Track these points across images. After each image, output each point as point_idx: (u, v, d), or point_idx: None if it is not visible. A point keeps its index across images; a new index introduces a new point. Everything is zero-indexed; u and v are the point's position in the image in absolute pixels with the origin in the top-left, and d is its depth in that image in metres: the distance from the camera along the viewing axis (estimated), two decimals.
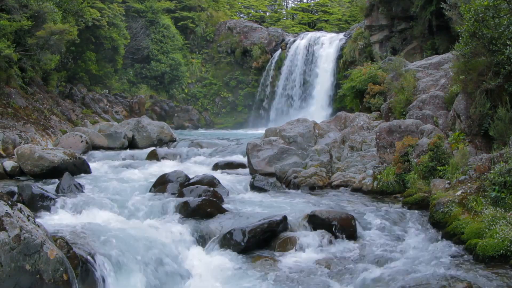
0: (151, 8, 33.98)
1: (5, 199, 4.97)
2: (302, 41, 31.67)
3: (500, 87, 8.58)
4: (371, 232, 7.25)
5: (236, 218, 7.57)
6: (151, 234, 6.58)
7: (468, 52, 8.94)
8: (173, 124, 30.80)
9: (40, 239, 4.68)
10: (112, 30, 28.49)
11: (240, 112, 34.59)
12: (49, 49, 18.20)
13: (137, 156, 14.69)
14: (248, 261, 6.25)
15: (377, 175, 9.70)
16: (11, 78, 17.54)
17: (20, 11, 17.32)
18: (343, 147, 12.33)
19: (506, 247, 5.59)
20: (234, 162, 12.98)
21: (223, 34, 36.61)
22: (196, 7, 37.11)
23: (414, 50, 22.16)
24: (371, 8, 23.80)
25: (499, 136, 8.22)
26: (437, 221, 7.03)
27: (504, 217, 6.07)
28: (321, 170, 10.66)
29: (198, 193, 8.69)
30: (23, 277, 4.44)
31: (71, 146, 14.49)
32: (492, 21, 8.40)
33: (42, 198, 8.21)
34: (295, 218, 7.38)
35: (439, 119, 10.79)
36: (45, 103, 19.35)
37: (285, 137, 13.03)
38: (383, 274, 5.62)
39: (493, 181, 6.66)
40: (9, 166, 11.51)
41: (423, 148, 8.97)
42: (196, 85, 35.43)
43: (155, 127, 18.26)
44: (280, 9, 49.60)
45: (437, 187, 7.92)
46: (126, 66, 32.54)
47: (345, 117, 14.46)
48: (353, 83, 17.64)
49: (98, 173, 11.87)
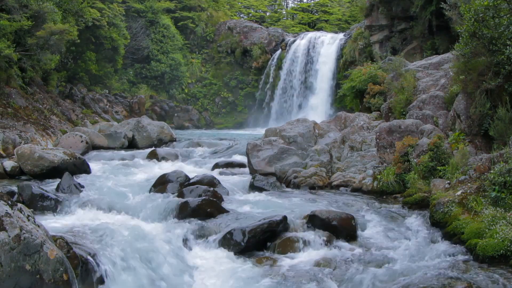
0: (151, 8, 33.98)
1: (5, 199, 4.97)
2: (302, 41, 31.67)
3: (500, 87, 8.58)
4: (371, 232, 7.25)
5: (236, 218, 7.57)
6: (151, 234, 6.59)
7: (468, 52, 8.94)
8: (173, 124, 30.80)
9: (40, 239, 4.68)
10: (112, 30, 28.50)
11: (240, 112, 34.59)
12: (49, 49, 18.19)
13: (137, 156, 14.69)
14: (248, 261, 6.25)
15: (377, 175, 9.70)
16: (11, 78, 17.54)
17: (20, 11, 17.31)
18: (343, 147, 12.34)
19: (506, 247, 5.59)
20: (234, 162, 12.99)
21: (223, 34, 36.60)
22: (196, 7, 37.11)
23: (414, 50, 22.17)
24: (371, 8, 23.81)
25: (499, 136, 8.22)
26: (437, 221, 7.03)
27: (504, 217, 6.07)
28: (321, 170, 10.66)
29: (198, 193, 8.69)
30: (23, 277, 4.44)
31: (71, 146, 14.48)
32: (492, 21, 8.39)
33: (42, 198, 8.21)
34: (295, 218, 7.38)
35: (439, 119, 10.79)
36: (45, 103, 19.35)
37: (285, 137, 13.03)
38: (383, 274, 5.62)
39: (493, 181, 6.66)
40: (9, 166, 11.52)
41: (423, 148, 8.97)
42: (196, 85, 35.43)
43: (155, 127, 18.26)
44: (280, 9, 49.59)
45: (437, 187, 7.92)
46: (126, 66, 32.53)
47: (345, 117, 14.47)
48: (353, 83, 17.64)
49: (98, 173, 11.87)
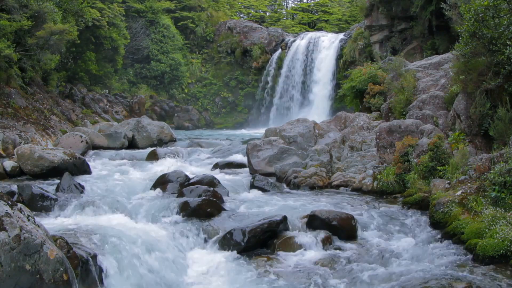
0: (151, 8, 33.99)
1: (5, 199, 4.97)
2: (302, 41, 31.68)
3: (500, 87, 8.57)
4: (371, 232, 7.25)
5: (236, 218, 7.58)
6: (151, 234, 6.59)
7: (468, 52, 8.93)
8: (173, 124, 30.82)
9: (40, 239, 4.68)
10: (112, 30, 28.51)
11: (240, 112, 34.60)
12: (49, 49, 18.20)
13: (137, 156, 14.69)
14: (248, 261, 6.25)
15: (377, 175, 9.69)
16: (11, 78, 17.54)
17: (20, 11, 17.31)
18: (343, 147, 12.33)
19: (506, 247, 5.59)
20: (234, 162, 12.98)
21: (223, 34, 36.60)
22: (196, 7, 37.12)
23: (414, 50, 22.17)
24: (371, 8, 23.82)
25: (499, 136, 8.22)
26: (437, 221, 7.03)
27: (504, 217, 6.07)
28: (321, 170, 10.66)
29: (198, 193, 8.68)
30: (23, 277, 4.44)
31: (71, 146, 14.47)
32: (492, 21, 8.39)
33: (42, 198, 8.21)
34: (295, 218, 7.38)
35: (439, 119, 10.79)
36: (45, 103, 19.35)
37: (285, 137, 13.03)
38: (383, 274, 5.63)
39: (493, 181, 6.66)
40: (9, 166, 11.51)
41: (423, 148, 8.96)
42: (196, 85, 35.43)
43: (155, 127, 18.26)
44: (280, 9, 49.61)
45: (437, 187, 7.92)
46: (126, 66, 32.55)
47: (345, 117, 14.47)
48: (353, 83, 17.61)
49: (98, 173, 11.87)
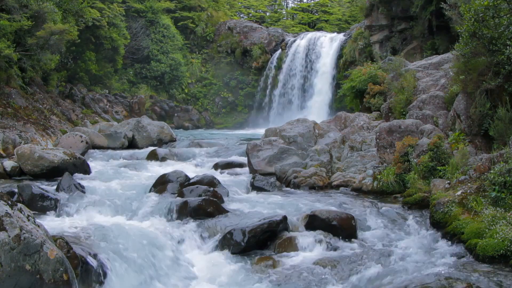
0: (151, 8, 33.98)
1: (5, 199, 4.97)
2: (302, 41, 31.68)
3: (500, 87, 8.57)
4: (371, 232, 7.25)
5: (236, 218, 7.57)
6: (151, 234, 6.59)
7: (468, 52, 8.93)
8: (173, 124, 30.81)
9: (40, 239, 4.68)
10: (112, 30, 28.50)
11: (240, 112, 34.60)
12: (49, 49, 18.18)
13: (137, 156, 14.69)
14: (248, 261, 6.25)
15: (377, 175, 9.69)
16: (11, 78, 17.54)
17: (20, 11, 17.30)
18: (343, 147, 12.33)
19: (506, 247, 5.58)
20: (234, 162, 12.97)
21: (223, 34, 36.60)
22: (196, 7, 37.12)
23: (414, 50, 22.18)
24: (371, 8, 23.83)
25: (499, 136, 8.22)
26: (437, 221, 7.03)
27: (504, 217, 6.06)
28: (321, 170, 10.66)
29: (198, 193, 8.68)
30: (23, 277, 4.44)
31: (71, 146, 14.46)
32: (492, 21, 8.39)
33: (42, 198, 8.21)
34: (295, 218, 7.38)
35: (439, 119, 10.79)
36: (45, 103, 19.35)
37: (285, 137, 13.03)
38: (383, 274, 5.63)
39: (493, 181, 6.66)
40: (9, 166, 11.51)
41: (423, 148, 8.96)
42: (196, 85, 35.43)
43: (155, 127, 18.26)
44: (280, 9, 49.61)
45: (437, 187, 7.92)
46: (126, 66, 32.53)
47: (345, 117, 14.46)
48: (353, 83, 17.62)
49: (98, 173, 11.86)
